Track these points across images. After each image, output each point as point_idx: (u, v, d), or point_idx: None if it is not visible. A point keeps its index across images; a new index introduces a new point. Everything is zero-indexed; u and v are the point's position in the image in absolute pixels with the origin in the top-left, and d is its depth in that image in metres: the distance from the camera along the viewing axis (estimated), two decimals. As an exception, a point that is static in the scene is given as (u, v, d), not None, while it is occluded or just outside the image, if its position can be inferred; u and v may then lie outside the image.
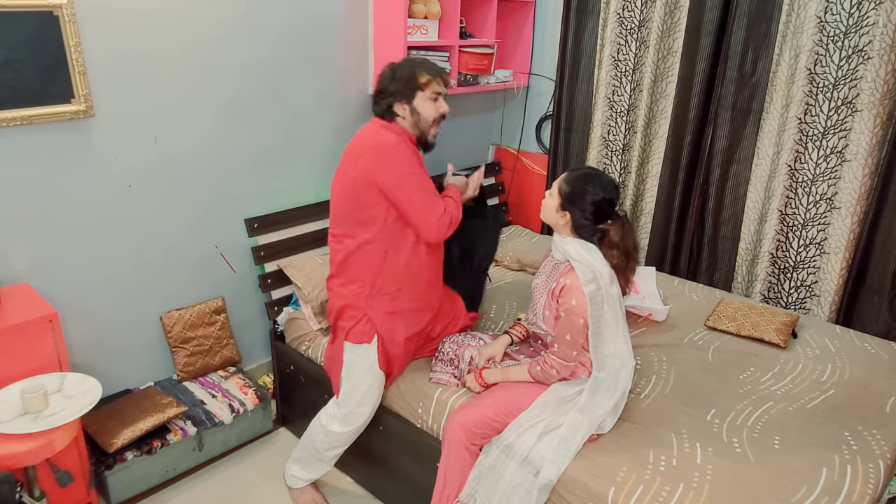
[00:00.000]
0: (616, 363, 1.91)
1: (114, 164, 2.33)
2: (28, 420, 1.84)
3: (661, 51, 3.02)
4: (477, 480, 1.90)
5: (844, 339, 2.51)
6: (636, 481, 1.74)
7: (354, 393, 2.15)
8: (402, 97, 2.06)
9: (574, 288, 1.85)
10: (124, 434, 2.28)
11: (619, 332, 1.91)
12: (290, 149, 2.83)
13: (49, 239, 2.24)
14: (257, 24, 2.57)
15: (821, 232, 2.74)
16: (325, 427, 2.23)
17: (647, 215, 3.25)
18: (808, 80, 2.62)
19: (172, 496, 2.43)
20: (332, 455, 2.29)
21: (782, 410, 2.05)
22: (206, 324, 2.69)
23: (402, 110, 2.07)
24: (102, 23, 2.17)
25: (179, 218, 2.56)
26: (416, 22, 2.94)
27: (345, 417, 2.19)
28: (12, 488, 1.81)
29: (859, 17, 2.46)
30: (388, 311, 2.11)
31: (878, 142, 2.53)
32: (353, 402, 2.16)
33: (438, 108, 2.10)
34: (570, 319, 1.87)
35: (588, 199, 1.88)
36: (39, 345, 2.02)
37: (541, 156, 3.67)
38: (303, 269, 2.68)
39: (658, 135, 3.13)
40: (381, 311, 2.10)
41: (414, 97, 2.05)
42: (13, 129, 2.07)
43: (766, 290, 2.93)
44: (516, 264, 3.16)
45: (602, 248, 1.92)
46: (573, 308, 1.85)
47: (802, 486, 1.72)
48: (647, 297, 2.70)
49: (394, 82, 2.06)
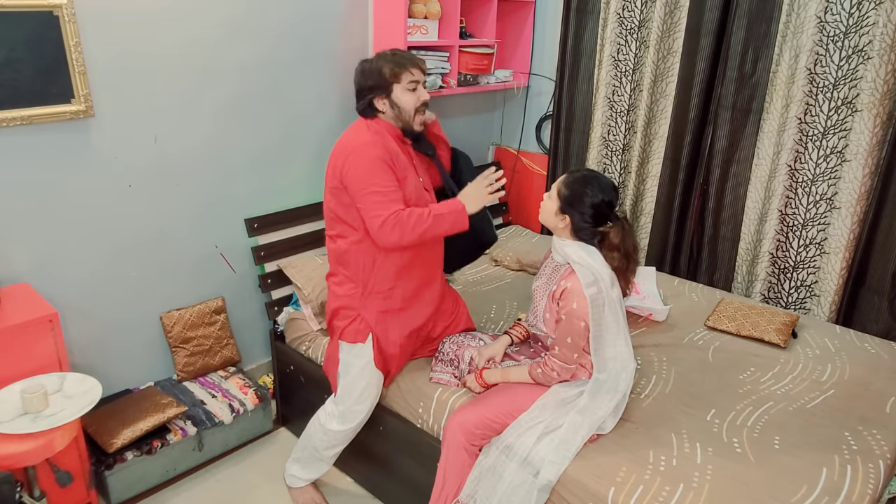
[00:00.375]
0: (617, 365, 1.90)
1: (114, 164, 2.33)
2: (28, 420, 1.84)
3: (661, 51, 3.02)
4: (477, 481, 1.90)
5: (844, 339, 2.51)
6: (636, 481, 1.74)
7: (352, 391, 2.15)
8: (380, 92, 2.04)
9: (575, 291, 1.85)
10: (124, 434, 2.28)
11: (619, 334, 1.90)
12: (291, 149, 2.83)
13: (49, 239, 2.24)
14: (257, 24, 2.57)
15: (821, 232, 2.74)
16: (324, 426, 2.23)
17: (647, 215, 3.25)
18: (808, 80, 2.62)
19: (172, 496, 2.43)
20: (330, 454, 2.29)
21: (782, 410, 2.06)
22: (206, 324, 2.69)
23: (383, 105, 2.05)
24: (102, 23, 2.17)
25: (179, 218, 2.56)
26: (416, 22, 2.94)
27: (342, 415, 2.19)
28: (12, 488, 1.81)
29: (859, 17, 2.46)
30: (382, 310, 2.11)
31: (878, 142, 2.53)
32: (350, 400, 2.16)
33: (419, 97, 2.06)
34: (570, 322, 1.86)
35: (587, 201, 1.87)
36: (39, 345, 2.02)
37: (541, 156, 3.67)
38: (303, 269, 2.68)
39: (658, 135, 3.13)
40: (374, 311, 2.10)
41: (391, 90, 2.04)
42: (13, 129, 2.07)
43: (766, 290, 2.93)
44: (516, 264, 3.16)
45: (602, 251, 1.91)
46: (574, 311, 1.85)
47: (802, 487, 1.72)
48: (648, 298, 2.70)
49: (367, 79, 2.05)
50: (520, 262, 3.16)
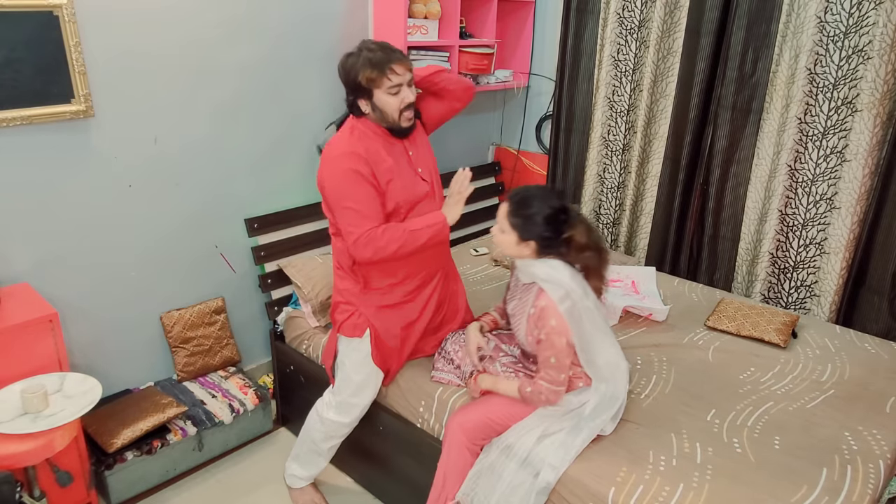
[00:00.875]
0: (611, 371, 1.90)
1: (114, 164, 2.33)
2: (28, 420, 1.84)
3: (661, 51, 3.02)
4: (475, 479, 1.90)
5: (844, 339, 2.51)
6: (636, 481, 1.74)
7: (348, 384, 2.16)
8: (361, 95, 1.97)
9: (549, 309, 1.81)
10: (124, 434, 2.28)
11: (605, 341, 1.89)
12: (291, 149, 2.83)
13: (49, 239, 2.24)
14: (257, 24, 2.57)
15: (821, 232, 2.74)
16: (321, 415, 2.24)
17: (647, 215, 3.25)
18: (808, 80, 2.62)
19: (172, 496, 2.43)
20: (327, 447, 2.29)
21: (782, 410, 2.05)
22: (206, 324, 2.69)
23: (366, 106, 1.98)
24: (102, 23, 2.17)
25: (179, 218, 2.56)
26: (416, 22, 2.94)
27: (339, 406, 2.19)
28: (12, 488, 1.81)
29: (859, 17, 2.46)
30: (381, 305, 2.11)
31: (878, 142, 2.53)
32: (346, 392, 2.17)
33: (402, 100, 1.95)
34: (551, 341, 1.82)
35: (539, 219, 1.81)
36: (39, 345, 2.02)
37: (541, 156, 3.67)
38: (303, 268, 2.68)
39: (658, 135, 3.13)
40: (372, 307, 2.11)
41: (373, 94, 1.95)
42: (13, 129, 2.07)
43: (766, 290, 2.93)
44: (516, 264, 3.16)
45: (572, 255, 1.86)
46: (554, 328, 1.81)
47: (802, 487, 1.72)
48: (647, 297, 2.70)
49: (349, 81, 1.97)
50: (520, 262, 3.16)
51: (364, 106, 1.99)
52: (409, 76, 1.96)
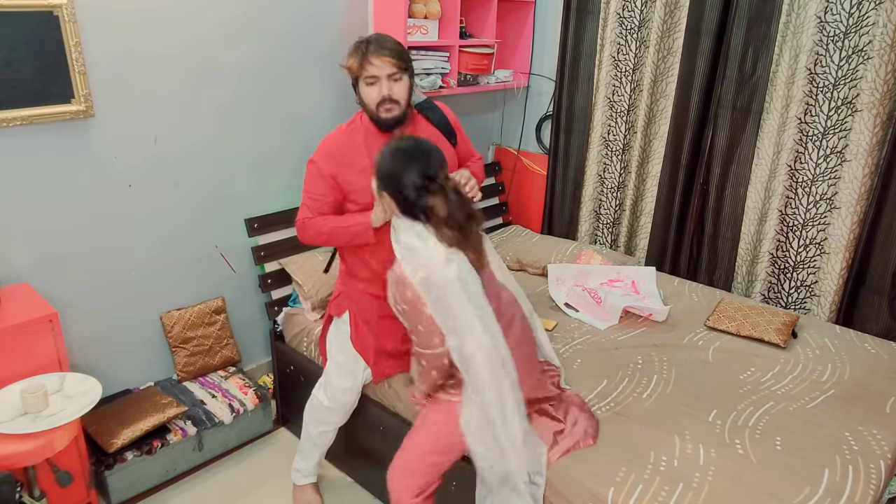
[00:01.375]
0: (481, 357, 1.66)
1: (114, 164, 2.33)
2: (28, 420, 1.84)
3: (661, 51, 3.02)
4: None
5: (844, 339, 2.51)
6: (636, 481, 1.74)
7: (333, 363, 2.19)
8: (354, 82, 1.98)
9: (402, 279, 1.67)
10: (124, 434, 2.28)
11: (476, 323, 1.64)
12: (291, 148, 2.83)
13: (49, 239, 2.24)
14: (257, 25, 2.57)
15: (821, 232, 2.74)
16: (314, 395, 2.26)
17: (647, 215, 3.25)
18: (808, 80, 2.62)
19: (172, 496, 2.43)
20: (317, 431, 2.27)
21: (783, 410, 2.05)
22: (206, 324, 2.69)
23: (357, 95, 1.99)
24: (102, 23, 2.17)
25: (179, 218, 2.56)
26: (416, 22, 2.94)
27: (326, 387, 2.22)
28: (12, 488, 1.81)
29: (859, 17, 2.46)
30: (363, 291, 2.13)
31: (878, 142, 2.53)
32: (332, 372, 2.20)
33: (380, 92, 1.91)
34: (415, 310, 1.67)
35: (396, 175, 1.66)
36: (39, 345, 2.02)
37: (541, 156, 3.67)
38: (303, 265, 2.68)
39: (658, 135, 3.13)
40: (355, 290, 2.14)
41: (358, 83, 1.95)
42: (13, 129, 2.07)
43: (766, 290, 2.93)
44: (516, 264, 3.16)
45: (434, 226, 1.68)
46: (410, 299, 1.67)
47: (805, 488, 1.72)
48: (647, 297, 2.70)
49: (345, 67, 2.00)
50: (520, 262, 3.16)
51: (357, 95, 2.00)
52: (390, 70, 1.90)
